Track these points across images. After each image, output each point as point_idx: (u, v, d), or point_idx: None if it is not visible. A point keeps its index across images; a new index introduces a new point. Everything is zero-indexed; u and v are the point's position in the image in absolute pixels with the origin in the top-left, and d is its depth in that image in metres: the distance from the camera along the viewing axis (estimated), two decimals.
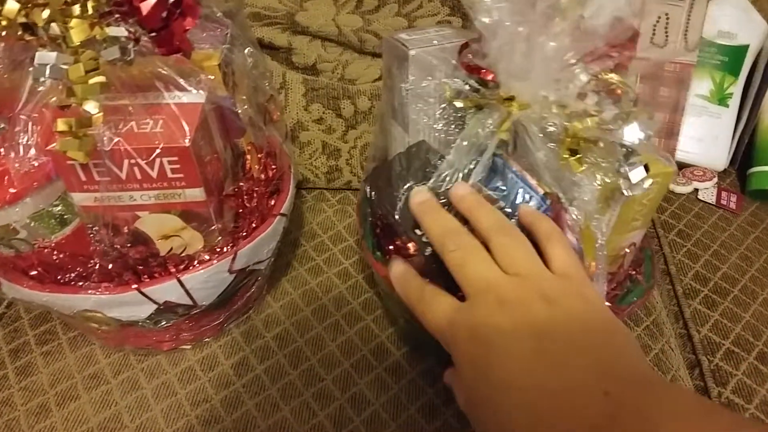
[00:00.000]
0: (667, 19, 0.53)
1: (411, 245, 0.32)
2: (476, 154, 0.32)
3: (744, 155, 0.63)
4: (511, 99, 0.32)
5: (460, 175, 0.32)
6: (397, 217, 0.33)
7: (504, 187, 0.32)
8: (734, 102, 0.62)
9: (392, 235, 0.34)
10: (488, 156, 0.32)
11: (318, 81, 0.55)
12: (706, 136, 0.63)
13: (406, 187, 0.33)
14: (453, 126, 0.36)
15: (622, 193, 0.32)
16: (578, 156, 0.31)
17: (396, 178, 0.34)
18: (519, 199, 0.31)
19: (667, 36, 0.51)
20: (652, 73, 0.59)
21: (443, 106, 0.36)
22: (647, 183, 0.31)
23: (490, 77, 0.33)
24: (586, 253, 0.31)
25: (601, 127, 0.30)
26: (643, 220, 0.36)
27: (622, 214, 0.34)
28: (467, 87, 0.34)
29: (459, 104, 0.34)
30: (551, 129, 0.31)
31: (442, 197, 0.32)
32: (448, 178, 0.32)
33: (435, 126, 0.35)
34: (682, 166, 0.64)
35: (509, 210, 0.31)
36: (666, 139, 0.62)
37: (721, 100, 0.61)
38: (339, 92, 0.55)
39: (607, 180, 0.31)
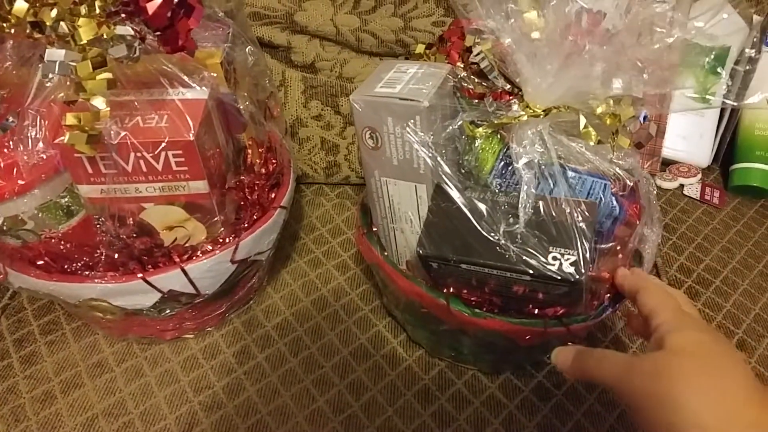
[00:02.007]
0: None
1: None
2: (534, 168, 0.33)
3: (726, 152, 0.65)
4: (532, 107, 0.33)
5: (549, 192, 0.33)
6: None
7: (579, 187, 0.34)
8: (717, 101, 0.64)
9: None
10: (558, 168, 0.33)
11: (316, 79, 0.56)
12: (691, 134, 0.65)
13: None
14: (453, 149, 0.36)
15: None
16: (620, 135, 0.33)
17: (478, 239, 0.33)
18: (597, 189, 0.34)
19: None
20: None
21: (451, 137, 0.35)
22: None
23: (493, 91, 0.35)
24: None
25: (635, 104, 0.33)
26: None
27: None
28: (476, 113, 0.35)
29: (480, 133, 0.35)
30: (582, 122, 0.33)
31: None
32: (531, 202, 0.33)
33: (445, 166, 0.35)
34: (668, 162, 0.66)
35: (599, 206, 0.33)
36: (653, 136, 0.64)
37: (705, 99, 0.63)
38: (337, 90, 0.56)
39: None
